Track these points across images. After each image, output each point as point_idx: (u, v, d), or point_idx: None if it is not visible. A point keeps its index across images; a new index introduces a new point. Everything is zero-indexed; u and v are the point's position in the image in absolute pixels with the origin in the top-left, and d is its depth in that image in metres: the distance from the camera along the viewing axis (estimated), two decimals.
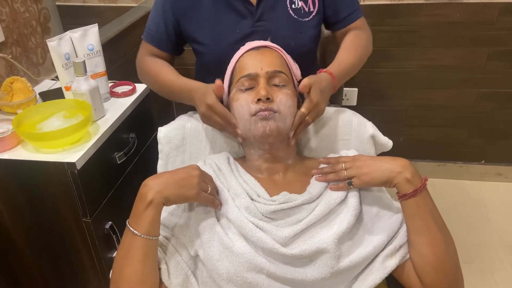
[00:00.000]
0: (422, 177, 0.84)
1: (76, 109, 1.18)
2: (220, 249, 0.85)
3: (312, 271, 0.83)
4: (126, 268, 0.80)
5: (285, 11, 1.17)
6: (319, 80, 1.00)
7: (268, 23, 1.16)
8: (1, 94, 1.25)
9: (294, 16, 1.17)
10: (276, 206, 0.88)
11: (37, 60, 1.44)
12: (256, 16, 1.16)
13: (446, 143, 2.31)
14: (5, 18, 1.30)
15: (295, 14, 1.17)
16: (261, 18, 1.16)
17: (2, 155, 1.10)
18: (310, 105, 0.96)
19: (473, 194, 2.28)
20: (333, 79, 1.04)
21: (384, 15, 2.00)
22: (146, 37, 1.23)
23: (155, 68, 1.18)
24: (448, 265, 0.81)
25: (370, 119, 1.10)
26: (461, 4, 1.94)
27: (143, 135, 1.40)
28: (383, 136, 1.09)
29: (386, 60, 2.12)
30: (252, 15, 1.16)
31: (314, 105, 0.97)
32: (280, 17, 1.17)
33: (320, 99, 0.98)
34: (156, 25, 1.21)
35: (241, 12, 1.16)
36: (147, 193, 0.81)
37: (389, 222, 0.89)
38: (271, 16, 1.17)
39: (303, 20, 1.18)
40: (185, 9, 1.17)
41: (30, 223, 1.19)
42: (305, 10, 1.18)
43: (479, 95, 2.15)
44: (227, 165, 0.98)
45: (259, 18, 1.16)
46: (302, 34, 1.18)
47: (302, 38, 1.18)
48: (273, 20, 1.16)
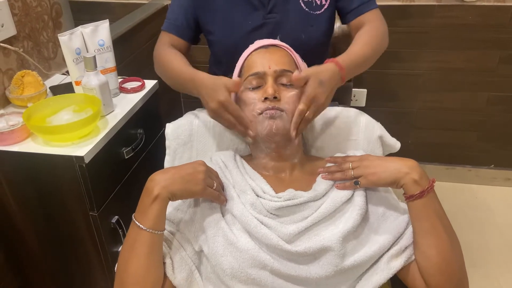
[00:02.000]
0: (429, 179, 0.83)
1: (86, 103, 1.19)
2: (225, 244, 0.85)
3: (316, 269, 0.83)
4: (131, 262, 0.81)
5: (297, 4, 1.17)
6: (318, 71, 0.95)
7: (279, 15, 1.17)
8: (12, 88, 1.26)
9: (305, 9, 1.17)
10: (281, 202, 0.88)
11: (48, 55, 1.46)
12: (268, 8, 1.17)
13: (455, 147, 2.29)
14: (18, 12, 1.31)
15: (306, 7, 1.17)
16: (272, 10, 1.17)
17: (12, 148, 1.11)
18: (306, 99, 0.92)
19: (481, 199, 2.26)
20: (341, 70, 0.98)
21: (395, 16, 1.99)
22: (166, 27, 1.24)
23: (168, 57, 1.17)
24: (453, 267, 0.81)
25: (378, 120, 1.10)
26: (473, 7, 1.92)
27: (151, 131, 1.41)
28: (391, 137, 1.08)
29: (396, 61, 2.11)
30: (264, 7, 1.17)
31: (311, 99, 0.92)
32: (292, 9, 1.17)
33: (319, 92, 0.93)
34: (176, 14, 1.23)
35: (254, 3, 1.17)
36: (153, 187, 0.81)
37: (395, 223, 0.88)
38: (283, 8, 1.17)
39: (314, 13, 1.18)
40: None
41: (37, 215, 1.20)
42: (316, 3, 1.17)
43: (489, 99, 2.13)
44: (233, 162, 0.98)
45: (270, 10, 1.17)
46: (313, 27, 1.18)
47: (313, 31, 1.18)
48: (285, 13, 1.17)
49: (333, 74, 0.97)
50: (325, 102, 0.95)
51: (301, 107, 0.92)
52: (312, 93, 0.92)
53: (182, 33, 1.23)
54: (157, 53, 1.22)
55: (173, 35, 1.23)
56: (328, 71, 0.96)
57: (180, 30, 1.23)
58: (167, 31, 1.24)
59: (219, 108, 0.95)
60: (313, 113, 0.93)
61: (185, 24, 1.22)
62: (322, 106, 0.95)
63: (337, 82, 0.98)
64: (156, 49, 1.23)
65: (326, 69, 0.96)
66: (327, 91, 0.94)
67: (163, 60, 1.18)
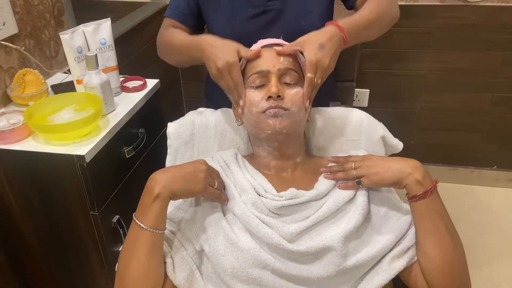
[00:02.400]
0: (433, 179, 0.82)
1: (87, 102, 1.19)
2: (226, 244, 0.84)
3: (317, 269, 0.83)
4: (132, 261, 0.80)
5: None
6: (314, 35, 0.94)
7: (279, 2, 1.15)
8: (14, 86, 1.26)
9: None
10: (283, 202, 0.88)
11: (50, 53, 1.45)
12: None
13: (458, 148, 2.28)
14: (19, 10, 1.31)
15: None
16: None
17: (12, 146, 1.11)
18: (310, 66, 0.90)
19: (484, 200, 2.25)
20: (341, 30, 0.96)
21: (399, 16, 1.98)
22: (169, 13, 1.23)
23: (170, 34, 1.16)
24: (456, 268, 0.80)
25: (381, 120, 1.09)
26: (477, 7, 1.91)
27: (153, 130, 1.40)
28: (394, 138, 1.08)
29: (399, 62, 2.10)
30: None
31: (314, 64, 0.90)
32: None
33: (321, 55, 0.91)
34: (179, 1, 1.22)
35: None
36: (154, 186, 0.81)
37: (397, 223, 0.88)
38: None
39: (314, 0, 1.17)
40: None
41: (38, 214, 1.20)
42: None
43: (493, 100, 2.12)
44: (235, 161, 0.98)
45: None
46: (312, 13, 1.17)
47: (313, 18, 1.16)
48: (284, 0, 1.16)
49: (333, 35, 0.94)
50: (330, 64, 0.93)
51: (309, 75, 0.91)
52: (313, 58, 0.91)
53: (185, 19, 1.22)
54: (160, 36, 1.21)
55: (176, 21, 1.22)
56: (326, 32, 0.95)
57: (183, 16, 1.22)
58: (170, 17, 1.23)
59: (225, 68, 0.94)
60: (320, 78, 0.92)
61: (188, 10, 1.21)
62: (329, 69, 0.93)
63: (338, 42, 0.95)
64: (158, 34, 1.22)
65: (323, 31, 0.95)
66: (329, 53, 0.92)
67: (165, 39, 1.17)
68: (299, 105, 0.93)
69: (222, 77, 0.95)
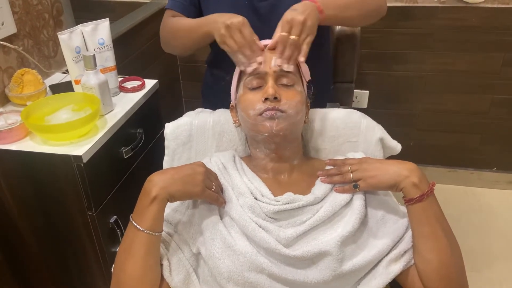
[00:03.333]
0: (429, 182, 0.82)
1: (85, 102, 1.18)
2: (222, 247, 0.84)
3: (314, 273, 0.82)
4: (128, 263, 0.80)
5: None
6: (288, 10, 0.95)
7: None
8: (12, 86, 1.26)
9: None
10: (280, 206, 0.87)
11: (48, 53, 1.45)
12: None
13: (458, 149, 2.28)
14: (18, 10, 1.30)
15: None
16: None
17: (10, 146, 1.11)
18: (283, 23, 0.91)
19: (483, 202, 2.24)
20: (313, 1, 0.97)
21: (398, 17, 1.98)
22: (170, 5, 1.23)
23: (173, 22, 1.16)
24: (453, 272, 0.80)
25: (380, 122, 1.09)
26: (477, 8, 1.91)
27: (151, 131, 1.40)
28: (392, 139, 1.07)
29: (399, 63, 2.10)
30: None
31: (288, 21, 0.91)
32: None
33: (295, 13, 0.91)
34: None
35: None
36: (151, 188, 0.81)
37: (394, 226, 0.87)
38: None
39: None
40: None
41: (36, 215, 1.20)
42: None
43: (493, 101, 2.12)
44: (233, 163, 0.98)
45: None
46: None
47: None
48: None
49: (305, 4, 0.95)
50: (305, 20, 0.91)
51: (281, 33, 0.91)
52: (288, 16, 0.91)
53: (186, 10, 1.21)
54: (163, 26, 1.21)
55: (178, 13, 1.21)
56: (299, 3, 0.96)
57: (185, 7, 1.21)
58: (171, 8, 1.22)
59: (235, 25, 0.93)
60: (297, 34, 0.91)
61: (189, 1, 1.21)
62: (305, 26, 0.92)
63: (312, 11, 0.95)
64: (161, 25, 1.22)
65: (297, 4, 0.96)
66: (304, 12, 0.92)
67: (170, 26, 1.17)
68: (296, 107, 0.92)
69: (231, 35, 0.93)
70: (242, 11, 1.16)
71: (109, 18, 1.30)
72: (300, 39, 0.92)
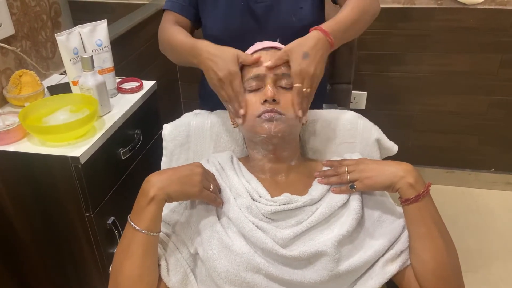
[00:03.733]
0: (425, 183, 0.83)
1: (83, 103, 1.19)
2: (220, 247, 0.84)
3: (311, 274, 0.83)
4: (126, 263, 0.80)
5: None
6: (299, 43, 0.93)
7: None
8: (10, 87, 1.26)
9: None
10: (277, 207, 0.88)
11: (46, 54, 1.45)
12: None
13: (456, 150, 2.28)
14: (16, 11, 1.31)
15: None
16: None
17: (7, 147, 1.11)
18: (295, 75, 0.91)
19: (481, 203, 2.25)
20: (326, 35, 0.95)
21: (396, 18, 1.99)
22: (169, 5, 1.23)
23: (171, 31, 1.15)
24: (449, 272, 0.80)
25: (378, 123, 1.09)
26: (474, 10, 1.92)
27: (149, 132, 1.40)
28: (388, 140, 1.07)
29: (397, 64, 2.10)
30: None
31: (298, 74, 0.91)
32: None
33: (305, 64, 0.91)
34: None
35: None
36: (149, 189, 0.81)
37: (391, 227, 0.88)
38: None
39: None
40: None
41: (33, 215, 1.20)
42: None
43: (490, 102, 2.13)
44: (230, 164, 0.98)
45: None
46: (303, 9, 1.16)
47: (303, 13, 1.16)
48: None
49: (317, 41, 0.94)
50: (315, 72, 0.92)
51: (297, 85, 0.91)
52: (297, 68, 0.91)
53: (185, 11, 1.21)
54: (161, 30, 1.21)
55: (176, 14, 1.21)
56: (310, 39, 0.94)
57: (183, 8, 1.21)
58: (170, 9, 1.22)
59: (226, 79, 0.93)
60: (309, 86, 0.92)
61: (188, 2, 1.21)
62: (315, 77, 0.93)
63: (324, 48, 0.95)
64: (160, 28, 1.22)
65: (308, 38, 0.94)
66: (314, 61, 0.92)
67: (167, 37, 1.16)
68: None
69: (223, 88, 0.95)
70: (239, 13, 1.16)
71: (107, 19, 1.30)
72: (312, 90, 0.93)
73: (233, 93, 0.94)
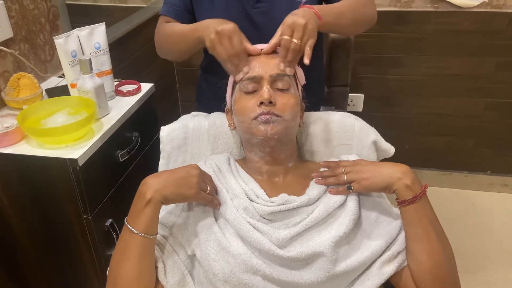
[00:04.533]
0: (422, 184, 0.83)
1: (81, 106, 1.19)
2: (217, 249, 0.84)
3: (308, 274, 0.83)
4: (123, 266, 0.80)
5: None
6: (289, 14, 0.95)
7: (267, 4, 1.16)
8: (8, 90, 1.26)
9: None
10: (274, 207, 0.88)
11: (44, 57, 1.46)
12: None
13: (452, 152, 2.29)
14: (15, 14, 1.31)
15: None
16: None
17: (5, 150, 1.11)
18: (283, 27, 0.91)
19: (478, 205, 2.26)
20: (311, 8, 0.97)
21: (393, 22, 2.00)
22: (165, 11, 1.23)
23: (168, 27, 1.17)
24: (445, 273, 0.81)
25: (376, 125, 1.10)
26: (470, 13, 1.93)
27: (147, 134, 1.41)
28: (385, 142, 1.08)
29: (394, 67, 2.11)
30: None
31: (290, 25, 0.90)
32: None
33: (296, 17, 0.91)
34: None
35: None
36: (146, 191, 0.81)
37: (388, 228, 0.88)
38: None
39: (301, 1, 1.18)
40: None
41: (31, 218, 1.20)
42: None
43: (487, 105, 2.14)
44: (227, 166, 0.98)
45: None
46: None
47: None
48: (272, 2, 1.16)
49: (305, 11, 0.95)
50: (306, 24, 0.91)
51: (284, 37, 0.91)
52: (288, 21, 0.91)
53: (180, 16, 1.22)
54: (157, 32, 1.21)
55: (171, 19, 1.22)
56: (298, 10, 0.96)
57: (179, 13, 1.21)
58: (166, 15, 1.22)
59: (225, 32, 0.92)
60: (299, 38, 0.91)
61: (183, 7, 1.21)
62: (306, 29, 0.91)
63: (312, 16, 0.95)
64: (156, 31, 1.22)
65: (298, 10, 0.96)
66: (305, 17, 0.92)
67: (165, 32, 1.17)
68: (291, 112, 0.93)
69: (221, 42, 0.93)
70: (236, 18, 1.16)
71: (105, 22, 1.30)
72: (302, 42, 0.92)
73: (231, 48, 0.93)
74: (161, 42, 1.20)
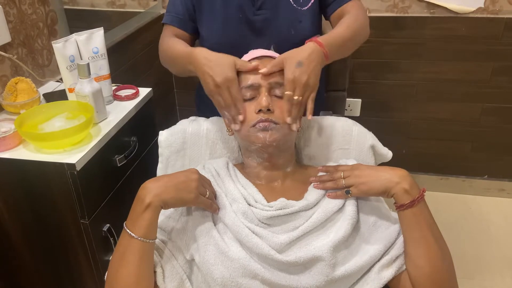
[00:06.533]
0: (420, 188, 0.83)
1: (79, 110, 1.19)
2: (216, 253, 0.84)
3: (306, 279, 0.83)
4: (122, 270, 0.80)
5: (285, 0, 1.18)
6: (293, 52, 0.94)
7: (269, 11, 1.17)
8: (5, 94, 1.26)
9: (293, 5, 1.18)
10: (273, 212, 0.88)
11: (42, 62, 1.46)
12: (258, 4, 1.18)
13: (449, 157, 2.30)
14: (13, 19, 1.31)
15: (294, 3, 1.18)
16: (262, 6, 1.18)
17: (3, 154, 1.11)
18: (287, 83, 0.91)
19: (475, 209, 2.26)
20: (321, 46, 0.96)
21: (390, 27, 2.01)
22: (168, 20, 1.24)
23: (170, 43, 1.17)
24: (444, 277, 0.81)
25: (373, 130, 1.10)
26: (467, 18, 1.94)
27: (145, 139, 1.40)
28: (383, 147, 1.09)
29: (391, 72, 2.12)
30: (254, 3, 1.18)
31: (291, 81, 0.91)
32: (281, 6, 1.18)
33: (299, 72, 0.91)
34: (177, 7, 1.23)
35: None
36: (145, 195, 0.81)
37: (386, 232, 0.88)
38: (272, 5, 1.18)
39: (302, 9, 1.19)
40: None
41: (29, 223, 1.19)
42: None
43: (483, 110, 2.15)
44: (226, 170, 0.98)
45: (260, 6, 1.18)
46: (301, 22, 1.18)
47: (302, 27, 1.18)
48: (274, 9, 1.18)
49: (312, 52, 0.94)
50: (307, 81, 0.92)
51: (287, 93, 0.91)
52: (290, 75, 0.91)
53: (184, 25, 1.23)
54: (161, 43, 1.21)
55: (175, 28, 1.22)
56: (305, 50, 0.95)
57: (182, 22, 1.22)
58: (170, 24, 1.23)
59: (224, 84, 0.93)
60: (300, 95, 0.91)
61: (187, 16, 1.22)
62: (308, 86, 0.92)
63: (318, 59, 0.95)
64: (160, 41, 1.23)
65: (303, 49, 0.95)
66: (307, 70, 0.92)
67: (166, 49, 1.17)
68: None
69: (220, 93, 0.94)
70: (236, 24, 1.17)
71: (103, 27, 1.31)
72: (303, 98, 0.92)
73: (230, 99, 0.94)
74: (162, 55, 1.21)
